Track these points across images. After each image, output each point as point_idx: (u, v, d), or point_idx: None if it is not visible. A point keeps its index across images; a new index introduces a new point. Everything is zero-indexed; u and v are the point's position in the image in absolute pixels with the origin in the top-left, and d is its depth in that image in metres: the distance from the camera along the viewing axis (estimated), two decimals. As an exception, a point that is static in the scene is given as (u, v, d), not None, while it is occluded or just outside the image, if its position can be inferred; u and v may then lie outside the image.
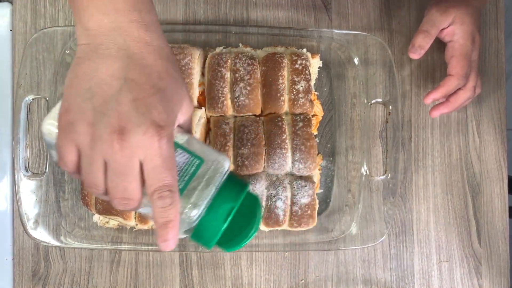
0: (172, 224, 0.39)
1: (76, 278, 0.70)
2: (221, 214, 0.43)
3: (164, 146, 0.37)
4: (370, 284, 0.72)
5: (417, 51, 0.63)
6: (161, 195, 0.38)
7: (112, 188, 0.38)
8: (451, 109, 0.65)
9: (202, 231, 0.43)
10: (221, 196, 0.43)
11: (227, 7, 0.73)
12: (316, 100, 0.69)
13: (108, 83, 0.37)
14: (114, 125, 0.36)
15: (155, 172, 0.37)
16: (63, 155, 0.38)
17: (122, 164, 0.36)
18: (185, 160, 0.43)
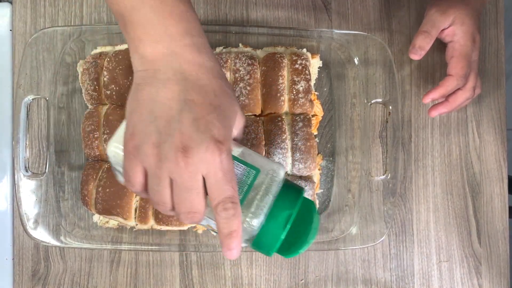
0: (235, 234, 0.41)
1: (76, 278, 0.70)
2: (280, 221, 0.44)
3: (225, 160, 0.39)
4: (370, 284, 0.72)
5: (418, 52, 0.63)
6: (225, 207, 0.40)
7: (179, 204, 0.40)
8: (450, 109, 0.65)
9: (262, 239, 0.44)
10: (279, 204, 0.45)
11: (227, 7, 0.73)
12: (316, 100, 0.69)
13: (169, 106, 0.39)
14: (178, 145, 0.38)
15: (218, 185, 0.39)
16: (130, 177, 0.41)
17: (188, 180, 0.39)
18: (242, 171, 0.45)
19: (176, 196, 0.40)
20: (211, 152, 0.38)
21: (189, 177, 0.38)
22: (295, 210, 0.45)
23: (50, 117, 0.66)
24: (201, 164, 0.38)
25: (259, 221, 0.43)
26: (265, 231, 0.44)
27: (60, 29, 0.65)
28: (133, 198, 0.64)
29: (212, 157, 0.38)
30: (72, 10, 0.72)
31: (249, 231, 0.44)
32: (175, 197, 0.40)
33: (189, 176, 0.38)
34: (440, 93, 0.64)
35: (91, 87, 0.65)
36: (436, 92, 0.64)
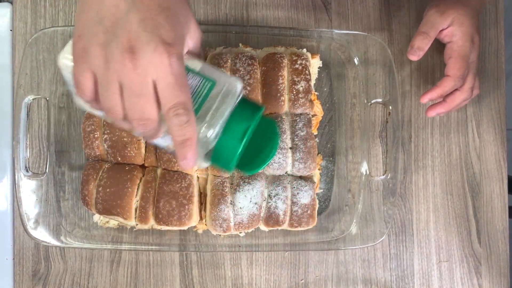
0: (190, 142, 0.40)
1: (76, 278, 0.70)
2: (237, 134, 0.44)
3: (175, 64, 0.38)
4: (370, 284, 0.72)
5: (416, 52, 0.63)
6: (177, 112, 0.39)
7: (130, 110, 0.39)
8: (448, 109, 0.66)
9: (220, 153, 0.44)
10: (235, 117, 0.44)
11: (227, 7, 0.73)
12: (316, 100, 0.69)
13: (116, 5, 0.39)
14: (125, 45, 0.37)
15: (169, 89, 0.39)
16: (79, 83, 0.40)
17: (137, 83, 0.38)
18: (197, 83, 0.44)
19: (126, 102, 0.39)
20: (159, 53, 0.37)
21: (138, 80, 0.38)
22: (253, 123, 0.45)
23: (50, 117, 0.66)
24: (149, 66, 0.37)
25: (214, 132, 0.43)
26: (222, 143, 0.44)
27: (61, 29, 0.65)
28: (134, 198, 0.64)
29: (160, 59, 0.37)
30: (72, 10, 0.72)
31: (205, 143, 0.43)
32: (125, 103, 0.39)
33: (138, 79, 0.38)
34: (437, 94, 0.64)
35: (91, 87, 0.65)
36: (433, 92, 0.64)
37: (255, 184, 0.64)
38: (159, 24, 0.38)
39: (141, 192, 0.64)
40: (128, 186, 0.63)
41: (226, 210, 0.64)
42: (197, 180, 0.66)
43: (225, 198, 0.64)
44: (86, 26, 0.39)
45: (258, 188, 0.64)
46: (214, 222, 0.64)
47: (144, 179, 0.65)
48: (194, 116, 0.40)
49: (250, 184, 0.64)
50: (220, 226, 0.64)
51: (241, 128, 0.44)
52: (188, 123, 0.39)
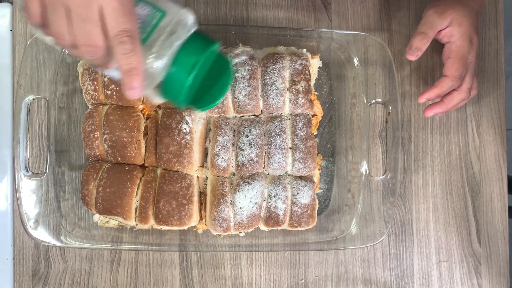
0: (136, 72, 0.40)
1: (76, 277, 0.70)
2: (186, 66, 0.44)
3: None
4: (370, 284, 0.72)
5: (414, 53, 0.63)
6: (121, 40, 0.39)
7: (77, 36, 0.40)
8: (445, 109, 0.66)
9: (169, 85, 0.44)
10: (186, 49, 0.44)
11: (227, 7, 0.73)
12: (316, 100, 0.69)
13: None
14: None
15: (114, 15, 0.39)
16: (28, 8, 0.40)
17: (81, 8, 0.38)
18: (146, 13, 0.44)
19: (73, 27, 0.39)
20: None
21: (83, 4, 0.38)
22: (203, 57, 0.44)
23: (50, 117, 0.66)
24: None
25: (162, 63, 0.43)
26: (171, 76, 0.44)
27: (61, 29, 0.65)
28: (133, 198, 0.64)
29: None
30: (72, 10, 0.72)
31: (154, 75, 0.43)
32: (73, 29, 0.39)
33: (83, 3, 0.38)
34: (435, 93, 0.64)
35: (91, 87, 0.65)
36: (431, 92, 0.64)
37: (255, 184, 0.64)
38: None
39: (141, 192, 0.64)
40: (128, 186, 0.63)
41: (226, 210, 0.64)
42: (197, 180, 0.66)
43: (225, 198, 0.64)
44: None
45: (258, 188, 0.64)
46: (214, 222, 0.64)
47: (144, 179, 0.65)
48: (139, 46, 0.40)
49: (250, 184, 0.64)
50: (220, 226, 0.64)
51: (191, 61, 0.44)
52: (134, 51, 0.40)
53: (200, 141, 0.66)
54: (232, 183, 0.65)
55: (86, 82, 0.66)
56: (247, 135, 0.65)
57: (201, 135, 0.66)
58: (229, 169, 0.65)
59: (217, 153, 0.64)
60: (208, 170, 0.66)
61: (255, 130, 0.65)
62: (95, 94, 0.66)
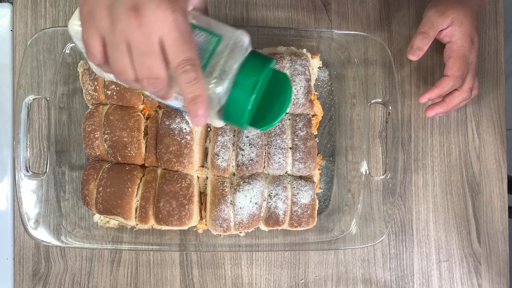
0: (200, 99, 0.41)
1: (77, 277, 0.70)
2: (246, 88, 0.44)
3: (179, 19, 0.39)
4: (370, 284, 0.72)
5: (416, 52, 0.63)
6: (185, 69, 0.39)
7: (139, 69, 0.40)
8: (446, 109, 0.66)
9: (231, 108, 0.44)
10: (244, 71, 0.44)
11: (227, 7, 0.73)
12: (316, 100, 0.69)
13: None
14: (128, 3, 0.38)
15: (174, 46, 0.39)
16: (89, 46, 0.40)
17: (143, 42, 0.38)
18: (203, 39, 0.44)
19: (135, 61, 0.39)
20: (163, 9, 0.38)
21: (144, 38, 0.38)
22: (262, 76, 0.44)
23: (50, 117, 0.67)
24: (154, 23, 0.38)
25: (224, 88, 0.43)
26: (233, 99, 0.44)
27: (61, 29, 0.65)
28: (134, 198, 0.64)
29: (164, 15, 0.38)
30: (72, 10, 0.72)
31: (216, 100, 0.43)
32: (135, 63, 0.39)
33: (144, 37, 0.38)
34: (436, 93, 0.64)
35: (91, 87, 0.65)
36: (432, 92, 0.64)
37: (255, 184, 0.64)
38: None
39: (141, 192, 0.64)
40: (128, 186, 0.63)
41: (226, 210, 0.64)
42: (197, 180, 0.66)
43: (225, 198, 0.64)
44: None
45: (258, 188, 0.64)
46: (214, 222, 0.64)
47: (144, 179, 0.65)
48: (201, 73, 0.40)
49: (250, 184, 0.64)
50: (220, 226, 0.64)
51: (250, 82, 0.44)
52: (196, 79, 0.40)
53: (200, 141, 0.66)
54: (232, 183, 0.65)
55: (86, 82, 0.66)
56: (247, 135, 0.65)
57: (201, 135, 0.66)
58: (229, 169, 0.65)
59: (217, 153, 0.64)
60: (208, 170, 0.66)
61: (255, 130, 0.65)
62: (95, 94, 0.66)
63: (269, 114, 0.48)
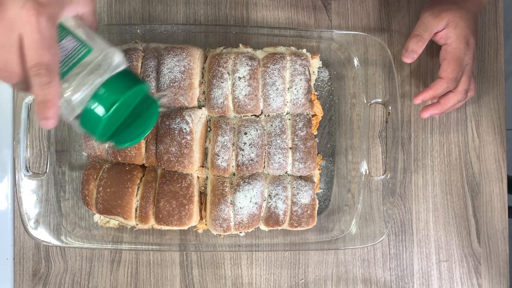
0: (50, 104, 0.41)
1: (77, 277, 0.70)
2: (104, 104, 0.45)
3: (43, 24, 0.39)
4: (370, 284, 0.72)
5: (410, 55, 0.64)
6: (38, 72, 0.39)
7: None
8: (441, 111, 0.66)
9: (87, 119, 0.45)
10: (107, 87, 0.45)
11: (227, 7, 0.73)
12: (316, 100, 0.69)
13: None
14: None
15: (33, 47, 0.39)
16: None
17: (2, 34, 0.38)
18: (73, 46, 0.45)
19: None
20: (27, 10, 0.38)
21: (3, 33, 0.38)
22: (123, 97, 0.45)
23: (50, 117, 0.66)
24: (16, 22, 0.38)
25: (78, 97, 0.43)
26: (89, 111, 0.45)
27: (61, 29, 0.65)
28: (134, 198, 0.64)
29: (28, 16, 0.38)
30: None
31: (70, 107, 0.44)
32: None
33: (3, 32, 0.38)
34: (430, 95, 0.64)
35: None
36: (426, 93, 0.64)
37: (255, 184, 0.64)
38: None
39: (141, 192, 0.64)
40: (128, 186, 0.63)
41: (226, 210, 0.64)
42: (197, 180, 0.66)
43: (225, 198, 0.64)
44: None
45: (258, 188, 0.64)
46: (214, 222, 0.64)
47: (144, 179, 0.65)
48: (57, 79, 0.40)
49: (250, 184, 0.64)
50: (220, 226, 0.64)
51: (110, 100, 0.45)
52: (50, 84, 0.40)
53: (200, 141, 0.66)
54: (232, 183, 0.65)
55: (86, 82, 0.66)
56: (247, 135, 0.65)
57: (201, 135, 0.66)
58: (229, 169, 0.65)
59: (217, 153, 0.65)
60: (208, 170, 0.66)
61: (255, 130, 0.65)
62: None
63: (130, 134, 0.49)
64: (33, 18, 0.38)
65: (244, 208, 0.64)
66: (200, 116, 0.66)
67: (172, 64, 0.64)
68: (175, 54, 0.64)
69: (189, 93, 0.65)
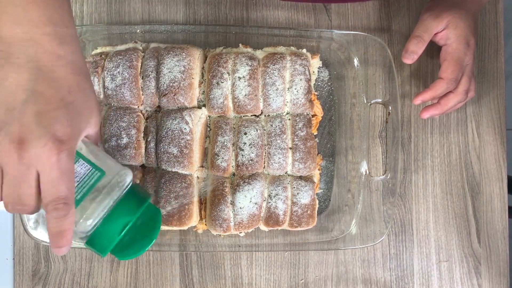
0: (65, 234, 0.40)
1: (77, 277, 0.70)
2: (116, 226, 0.45)
3: (63, 160, 0.38)
4: (370, 284, 0.72)
5: (410, 56, 0.64)
6: (56, 207, 0.38)
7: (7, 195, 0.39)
8: (441, 111, 0.66)
9: (96, 240, 0.45)
10: (119, 208, 0.45)
11: (227, 7, 0.73)
12: (316, 100, 0.69)
13: (14, 93, 0.38)
14: (15, 135, 0.37)
15: (51, 184, 0.38)
16: None
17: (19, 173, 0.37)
18: (86, 171, 0.44)
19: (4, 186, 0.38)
20: (48, 149, 0.37)
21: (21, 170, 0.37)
22: (134, 218, 0.45)
23: (50, 117, 0.66)
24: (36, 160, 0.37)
25: (93, 224, 0.43)
26: (100, 233, 0.44)
27: (61, 29, 0.65)
28: (134, 198, 0.64)
29: (48, 156, 0.37)
30: (72, 10, 0.72)
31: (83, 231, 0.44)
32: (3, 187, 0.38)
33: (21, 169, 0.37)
34: (429, 95, 0.64)
35: (91, 87, 0.65)
36: (425, 94, 0.64)
37: (255, 184, 0.64)
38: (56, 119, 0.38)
39: (141, 192, 0.64)
40: (128, 186, 0.63)
41: (226, 210, 0.64)
42: (197, 180, 0.66)
43: (225, 198, 0.64)
44: None
45: (258, 188, 0.64)
46: (214, 222, 0.64)
47: (144, 179, 0.65)
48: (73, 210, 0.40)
49: (250, 184, 0.64)
50: (220, 226, 0.64)
51: (122, 222, 0.45)
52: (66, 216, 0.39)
53: (200, 141, 0.66)
54: (232, 183, 0.65)
55: (86, 82, 0.66)
56: (247, 135, 0.65)
57: (201, 135, 0.66)
58: (229, 169, 0.65)
59: (217, 153, 0.64)
60: (208, 170, 0.66)
61: (255, 130, 0.65)
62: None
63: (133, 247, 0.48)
64: (54, 157, 0.37)
65: (244, 208, 0.64)
66: (200, 116, 0.66)
67: (172, 64, 0.64)
68: (175, 54, 0.64)
69: (189, 93, 0.65)
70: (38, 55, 0.39)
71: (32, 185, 0.38)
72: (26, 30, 0.39)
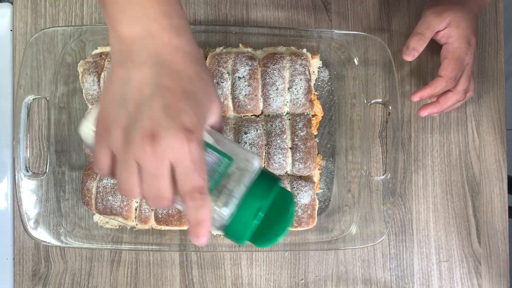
0: (203, 224, 0.40)
1: (77, 278, 0.70)
2: (251, 211, 0.44)
3: (194, 149, 0.38)
4: (370, 284, 0.72)
5: (411, 53, 0.64)
6: (192, 196, 0.39)
7: (146, 190, 0.40)
8: (440, 109, 0.66)
9: (233, 228, 0.44)
10: (251, 194, 0.44)
11: (227, 7, 0.73)
12: (316, 100, 0.69)
13: (140, 89, 0.39)
14: (146, 130, 0.37)
15: (186, 174, 0.39)
16: (98, 159, 0.40)
17: (154, 167, 0.38)
18: (215, 159, 0.44)
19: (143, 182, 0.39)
20: (179, 140, 0.37)
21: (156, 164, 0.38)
22: (267, 201, 0.45)
23: (50, 117, 0.67)
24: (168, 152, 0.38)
25: (229, 211, 0.43)
26: (236, 220, 0.44)
27: (61, 29, 0.65)
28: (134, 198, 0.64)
29: (180, 146, 0.38)
30: (72, 10, 0.72)
31: (219, 220, 0.44)
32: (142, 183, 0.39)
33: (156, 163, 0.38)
34: (428, 93, 0.64)
35: (91, 87, 0.65)
36: (424, 91, 0.64)
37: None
38: (182, 110, 0.38)
39: (141, 192, 0.64)
40: (128, 186, 0.63)
41: (226, 210, 0.64)
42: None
43: (225, 198, 0.64)
44: (110, 107, 0.40)
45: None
46: (214, 222, 0.64)
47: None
48: (209, 199, 0.40)
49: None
50: (220, 226, 0.64)
51: (256, 206, 0.44)
52: (203, 206, 0.39)
53: (200, 141, 0.66)
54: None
55: (86, 82, 0.66)
56: (247, 135, 0.65)
57: (201, 135, 0.66)
58: (229, 169, 0.65)
59: (217, 153, 0.64)
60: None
61: (255, 130, 0.65)
62: (95, 94, 0.66)
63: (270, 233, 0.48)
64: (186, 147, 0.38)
65: (244, 208, 0.64)
66: (200, 116, 0.66)
67: (172, 64, 0.64)
68: (175, 54, 0.64)
69: (189, 93, 0.65)
70: (158, 49, 0.40)
71: (167, 177, 0.39)
72: (144, 26, 0.40)
